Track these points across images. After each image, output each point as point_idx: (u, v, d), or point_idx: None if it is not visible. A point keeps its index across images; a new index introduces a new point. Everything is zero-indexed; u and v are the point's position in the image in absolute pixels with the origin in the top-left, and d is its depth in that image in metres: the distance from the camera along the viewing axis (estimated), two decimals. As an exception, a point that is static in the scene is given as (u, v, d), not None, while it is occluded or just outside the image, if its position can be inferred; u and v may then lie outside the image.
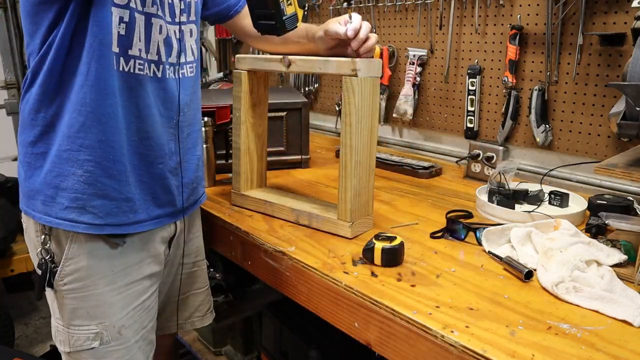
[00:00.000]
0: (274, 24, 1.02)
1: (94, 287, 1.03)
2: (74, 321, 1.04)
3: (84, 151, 0.97)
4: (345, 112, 1.08)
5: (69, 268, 1.02)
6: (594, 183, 1.47)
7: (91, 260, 1.02)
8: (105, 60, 0.94)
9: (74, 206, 0.99)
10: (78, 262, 1.02)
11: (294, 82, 2.52)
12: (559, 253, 0.95)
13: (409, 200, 1.42)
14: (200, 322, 1.33)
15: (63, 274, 1.02)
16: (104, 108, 0.96)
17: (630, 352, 0.73)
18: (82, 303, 1.03)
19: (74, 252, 1.02)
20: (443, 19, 1.79)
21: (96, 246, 1.03)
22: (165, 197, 1.10)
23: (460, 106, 1.80)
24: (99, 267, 1.03)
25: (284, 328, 1.60)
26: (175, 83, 1.06)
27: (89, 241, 1.02)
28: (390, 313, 0.85)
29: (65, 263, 1.02)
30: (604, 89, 1.42)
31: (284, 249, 1.09)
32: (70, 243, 1.01)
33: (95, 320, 1.04)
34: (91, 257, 1.02)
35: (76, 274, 1.02)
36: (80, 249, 1.02)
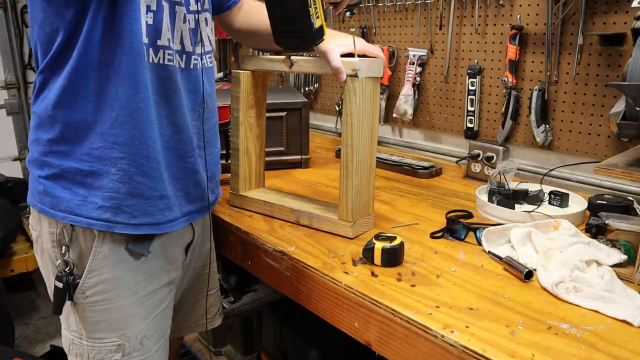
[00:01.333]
0: (302, 39, 0.98)
1: (118, 299, 1.00)
2: (94, 334, 1.00)
3: (117, 148, 0.92)
4: (347, 112, 1.08)
5: (92, 280, 0.98)
6: (594, 183, 1.47)
7: (115, 272, 0.98)
8: (136, 52, 0.90)
9: (108, 205, 0.94)
10: (102, 274, 0.98)
11: (294, 82, 2.52)
12: (559, 253, 0.95)
13: (409, 200, 1.42)
14: (210, 324, 1.31)
15: (85, 287, 0.98)
16: (136, 102, 0.92)
17: (630, 352, 0.73)
18: (104, 315, 1.00)
19: (97, 264, 0.97)
20: (443, 19, 1.79)
21: (121, 257, 0.99)
22: (195, 192, 1.08)
23: (460, 106, 1.80)
24: (124, 278, 1.00)
25: (284, 328, 1.60)
26: (199, 73, 1.03)
27: (114, 253, 0.98)
28: (390, 313, 0.86)
29: (88, 275, 0.97)
30: (604, 89, 1.42)
31: (284, 249, 1.09)
32: (93, 255, 0.97)
33: (118, 332, 1.01)
34: (116, 268, 0.98)
35: (100, 286, 0.98)
36: (104, 260, 0.97)
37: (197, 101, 1.04)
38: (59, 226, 0.97)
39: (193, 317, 1.29)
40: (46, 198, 0.97)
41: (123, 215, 0.96)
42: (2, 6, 2.71)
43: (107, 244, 0.97)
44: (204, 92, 1.05)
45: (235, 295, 1.67)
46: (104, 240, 0.97)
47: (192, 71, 1.01)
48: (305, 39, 0.98)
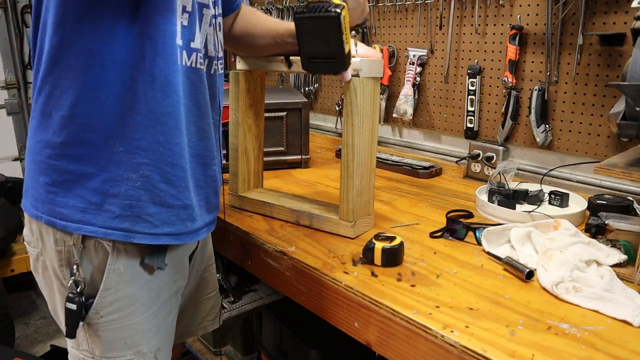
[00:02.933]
0: (334, 64, 0.97)
1: (133, 316, 0.95)
2: (108, 353, 0.95)
3: (140, 154, 0.86)
4: (347, 112, 1.08)
5: (108, 299, 0.92)
6: (594, 183, 1.47)
7: (131, 289, 0.93)
8: (169, 53, 0.86)
9: (127, 214, 0.88)
10: (117, 291, 0.92)
11: (294, 82, 2.52)
12: (559, 253, 0.95)
13: (409, 200, 1.42)
14: (212, 326, 1.30)
15: (100, 306, 0.92)
16: (164, 106, 0.87)
17: (630, 352, 0.73)
18: (120, 334, 0.95)
19: (112, 282, 0.91)
20: (443, 19, 1.79)
21: (135, 273, 0.93)
22: (214, 201, 1.04)
23: (460, 106, 1.80)
24: (138, 294, 0.95)
25: (284, 328, 1.60)
26: (217, 79, 1.00)
27: (128, 268, 0.92)
28: (390, 313, 0.86)
29: (102, 294, 0.91)
30: (604, 89, 1.42)
31: (284, 249, 1.09)
32: (108, 272, 0.90)
33: (133, 349, 0.96)
34: (131, 285, 0.93)
35: (115, 305, 0.92)
36: (120, 277, 0.91)
37: (215, 108, 1.01)
38: (67, 243, 0.89)
39: (195, 321, 1.27)
40: (55, 207, 0.88)
41: (143, 225, 0.90)
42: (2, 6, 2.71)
43: (122, 259, 0.91)
44: (219, 99, 1.03)
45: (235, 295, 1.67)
46: (118, 256, 0.91)
47: (212, 76, 0.99)
48: (338, 65, 0.97)
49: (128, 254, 0.92)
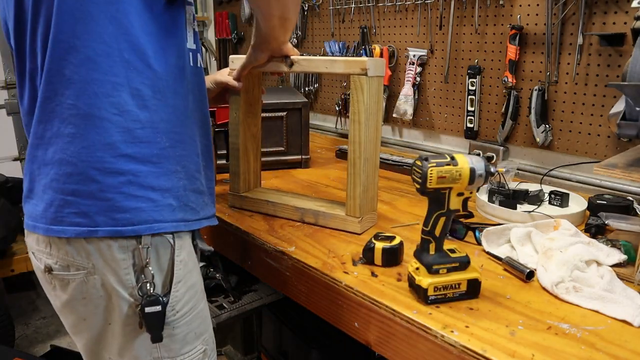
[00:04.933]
0: None
1: (199, 303, 0.96)
2: (183, 349, 0.94)
3: (180, 146, 0.90)
4: (354, 111, 1.10)
5: (181, 291, 0.91)
6: (594, 183, 1.47)
7: (195, 276, 0.95)
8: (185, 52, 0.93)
9: (180, 205, 0.90)
10: (187, 281, 0.92)
11: (294, 82, 2.52)
12: (559, 253, 0.95)
13: (409, 200, 1.42)
14: None
15: (174, 301, 0.90)
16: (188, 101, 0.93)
17: (630, 352, 0.73)
18: (191, 325, 0.94)
19: (181, 273, 0.91)
20: (443, 19, 1.79)
21: (193, 259, 0.95)
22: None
23: (460, 106, 1.80)
24: (199, 280, 0.97)
25: (284, 328, 1.60)
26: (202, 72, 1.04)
27: (190, 256, 0.94)
28: (390, 313, 0.86)
29: (175, 288, 0.90)
30: (604, 89, 1.42)
31: (284, 249, 1.09)
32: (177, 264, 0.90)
33: (201, 337, 0.97)
34: (194, 272, 0.95)
35: (187, 295, 0.92)
36: (186, 267, 0.92)
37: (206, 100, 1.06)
38: (129, 248, 0.85)
39: None
40: (115, 215, 0.83)
41: (191, 212, 0.93)
42: (2, 6, 2.70)
43: (185, 248, 0.92)
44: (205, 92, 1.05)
45: (235, 295, 1.67)
46: (182, 246, 0.91)
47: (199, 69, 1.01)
48: None
49: (185, 241, 0.93)
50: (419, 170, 0.83)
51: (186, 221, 0.92)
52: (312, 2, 2.32)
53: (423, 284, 0.85)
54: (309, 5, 2.35)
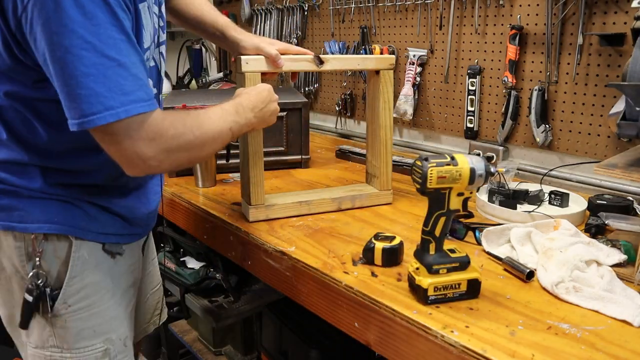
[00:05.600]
0: None
1: (100, 302, 0.99)
2: (78, 343, 0.97)
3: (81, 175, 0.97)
4: (385, 100, 1.32)
5: (75, 287, 0.95)
6: (594, 183, 1.47)
7: (97, 275, 0.97)
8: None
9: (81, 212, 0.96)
10: (83, 278, 0.96)
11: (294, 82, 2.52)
12: (559, 253, 0.95)
13: (409, 200, 1.42)
14: (160, 319, 1.31)
15: (67, 295, 0.94)
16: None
17: (630, 352, 0.73)
18: (88, 322, 0.98)
19: (78, 269, 0.95)
20: (443, 19, 1.79)
21: (100, 259, 0.98)
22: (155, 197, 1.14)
23: (460, 106, 1.80)
24: (104, 280, 0.99)
25: (284, 328, 1.60)
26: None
27: (93, 254, 0.97)
28: (390, 313, 0.86)
29: (69, 282, 0.94)
30: (604, 89, 1.42)
31: (284, 249, 1.09)
32: (73, 260, 0.94)
33: (102, 336, 0.99)
34: (96, 271, 0.97)
35: (83, 292, 0.96)
36: (85, 264, 0.96)
37: None
38: (27, 237, 0.92)
39: (146, 317, 1.28)
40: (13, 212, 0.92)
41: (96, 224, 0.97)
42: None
43: (86, 247, 0.96)
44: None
45: (235, 295, 1.67)
46: (82, 244, 0.95)
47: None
48: None
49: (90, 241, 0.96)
50: (419, 170, 0.83)
51: (86, 230, 0.95)
52: (312, 2, 2.32)
53: (423, 284, 0.85)
54: (309, 5, 2.35)
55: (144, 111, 0.80)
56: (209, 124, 0.92)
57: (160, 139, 0.83)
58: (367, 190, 1.37)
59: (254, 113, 1.04)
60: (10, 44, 0.80)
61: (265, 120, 1.10)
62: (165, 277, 1.75)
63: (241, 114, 1.00)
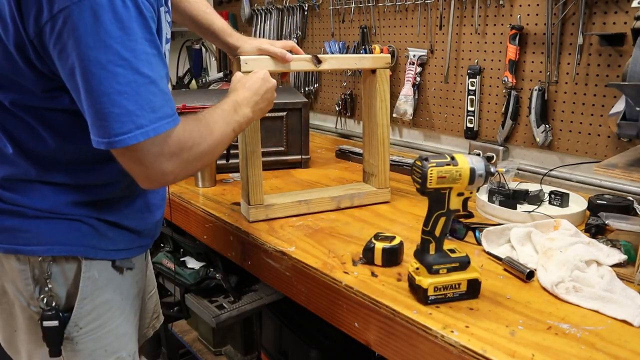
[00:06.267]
0: None
1: (111, 321, 0.96)
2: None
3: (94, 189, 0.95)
4: (382, 99, 1.33)
5: (85, 309, 0.92)
6: (594, 183, 1.47)
7: (107, 293, 0.95)
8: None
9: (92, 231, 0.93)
10: (94, 298, 0.92)
11: (294, 82, 2.52)
12: (559, 253, 0.95)
13: (409, 200, 1.42)
14: (158, 322, 1.29)
15: (78, 317, 0.91)
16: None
17: (630, 352, 0.73)
18: (100, 342, 0.95)
19: (88, 290, 0.91)
20: (443, 19, 1.79)
21: (109, 276, 0.96)
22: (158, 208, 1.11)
23: (460, 106, 1.80)
24: (114, 298, 0.96)
25: (284, 328, 1.60)
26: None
27: (102, 273, 0.94)
28: (390, 313, 0.85)
29: (80, 305, 0.91)
30: (604, 89, 1.42)
31: (284, 249, 1.09)
32: (83, 281, 0.91)
33: (113, 355, 0.97)
34: (107, 289, 0.95)
35: (94, 313, 0.93)
36: (95, 283, 0.92)
37: None
38: (31, 260, 0.88)
39: (145, 322, 1.25)
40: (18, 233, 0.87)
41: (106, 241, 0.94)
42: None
43: (95, 265, 0.93)
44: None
45: (235, 295, 1.67)
46: (91, 263, 0.92)
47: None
48: None
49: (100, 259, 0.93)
50: (419, 170, 0.83)
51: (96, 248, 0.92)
52: (312, 2, 2.32)
53: (423, 284, 0.85)
54: (309, 5, 2.35)
55: (170, 128, 0.79)
56: (217, 129, 0.90)
57: (181, 153, 0.82)
58: (365, 189, 1.38)
59: (251, 108, 1.02)
60: (27, 49, 0.76)
61: (263, 110, 1.09)
62: (165, 277, 1.75)
63: (240, 113, 0.99)
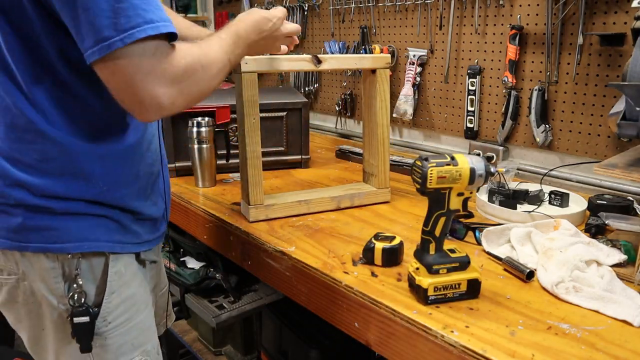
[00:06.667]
0: None
1: (137, 315, 0.96)
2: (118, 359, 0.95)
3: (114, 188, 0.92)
4: (382, 99, 1.32)
5: (113, 303, 0.92)
6: (594, 183, 1.47)
7: (133, 287, 0.96)
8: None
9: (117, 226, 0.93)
10: (121, 293, 0.93)
11: (294, 82, 2.52)
12: (559, 253, 0.95)
13: (409, 200, 1.42)
14: (170, 321, 1.30)
15: (106, 312, 0.91)
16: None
17: (630, 352, 0.73)
18: (127, 336, 0.95)
19: (115, 284, 0.92)
20: (443, 19, 1.79)
21: (134, 270, 0.97)
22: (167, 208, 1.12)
23: (460, 106, 1.80)
24: (139, 291, 0.97)
25: (284, 328, 1.60)
26: None
27: (128, 267, 0.94)
28: (390, 313, 0.86)
29: (108, 299, 0.91)
30: (604, 89, 1.42)
31: (284, 249, 1.09)
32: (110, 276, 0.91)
33: (139, 348, 0.97)
34: (133, 283, 0.96)
35: (121, 307, 0.93)
36: (122, 278, 0.93)
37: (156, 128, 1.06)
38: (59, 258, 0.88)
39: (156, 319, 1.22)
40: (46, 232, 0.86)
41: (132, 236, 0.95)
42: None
43: (122, 260, 0.94)
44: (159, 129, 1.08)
45: (235, 295, 1.67)
46: (118, 258, 0.93)
47: None
48: None
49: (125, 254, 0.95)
50: (419, 171, 0.83)
51: (123, 243, 0.93)
52: (312, 2, 2.32)
53: (423, 284, 0.85)
54: (309, 5, 2.35)
55: (174, 31, 0.74)
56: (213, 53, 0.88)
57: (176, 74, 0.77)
58: (365, 189, 1.38)
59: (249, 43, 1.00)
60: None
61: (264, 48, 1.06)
62: (165, 277, 1.75)
63: (239, 45, 0.97)
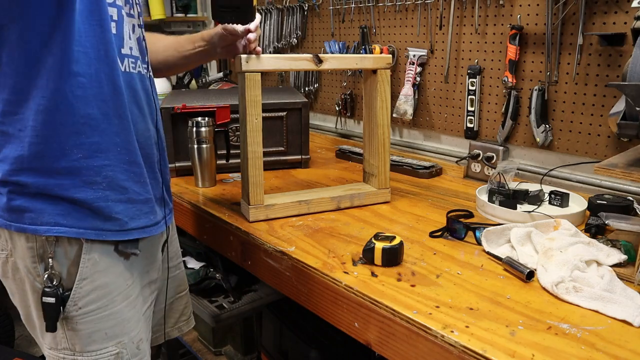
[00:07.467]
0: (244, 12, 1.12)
1: (112, 304, 0.97)
2: (90, 347, 0.96)
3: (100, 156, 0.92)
4: (382, 99, 1.32)
5: (85, 289, 0.94)
6: (594, 183, 1.47)
7: (108, 277, 0.96)
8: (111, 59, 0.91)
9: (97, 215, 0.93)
10: (94, 280, 0.94)
11: (294, 82, 2.52)
12: (559, 253, 0.95)
13: (409, 200, 1.42)
14: (186, 326, 1.30)
15: (77, 297, 0.93)
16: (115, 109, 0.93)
17: (630, 352, 0.73)
18: (99, 325, 0.96)
19: (88, 271, 0.94)
20: (443, 19, 1.79)
21: (112, 261, 0.97)
22: (166, 197, 1.10)
23: (460, 106, 1.80)
24: (116, 282, 0.97)
25: (284, 328, 1.60)
26: (150, 82, 1.05)
27: (104, 257, 0.95)
28: (390, 313, 0.86)
29: (79, 284, 0.93)
30: (604, 89, 1.42)
31: (284, 249, 1.09)
32: (83, 263, 0.93)
33: (114, 339, 0.98)
34: (108, 273, 0.96)
35: (93, 294, 0.95)
36: (95, 266, 0.94)
37: (152, 108, 1.04)
38: (39, 239, 0.92)
39: (170, 321, 1.27)
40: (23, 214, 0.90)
41: (113, 222, 0.95)
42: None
43: (97, 249, 0.95)
44: (155, 101, 1.05)
45: (235, 295, 1.67)
46: (92, 246, 0.94)
47: (146, 79, 1.02)
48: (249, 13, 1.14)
49: (102, 243, 0.95)
50: None
51: (101, 230, 0.93)
52: (312, 2, 2.32)
53: None
54: (309, 5, 2.35)
55: None
56: None
57: None
58: (365, 189, 1.38)
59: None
60: None
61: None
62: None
63: None
